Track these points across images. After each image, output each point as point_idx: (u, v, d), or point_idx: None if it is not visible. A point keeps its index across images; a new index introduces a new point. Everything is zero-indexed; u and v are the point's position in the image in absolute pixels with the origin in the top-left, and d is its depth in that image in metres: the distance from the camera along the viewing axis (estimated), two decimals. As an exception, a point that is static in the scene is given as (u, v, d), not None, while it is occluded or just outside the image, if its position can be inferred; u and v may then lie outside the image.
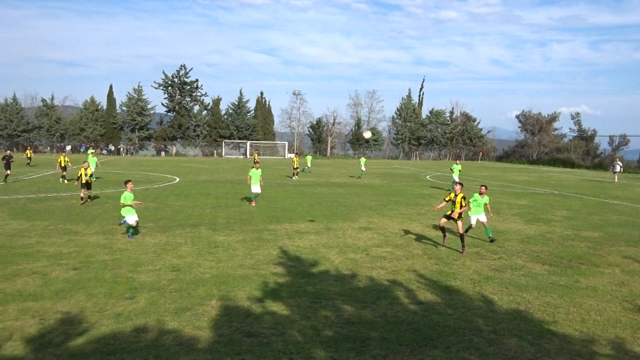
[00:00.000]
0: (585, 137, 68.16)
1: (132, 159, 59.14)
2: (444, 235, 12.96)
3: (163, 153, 70.45)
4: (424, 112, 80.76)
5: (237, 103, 74.60)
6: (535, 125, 73.67)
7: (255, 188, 19.95)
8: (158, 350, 6.40)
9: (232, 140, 72.44)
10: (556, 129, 75.07)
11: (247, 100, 75.41)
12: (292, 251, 11.87)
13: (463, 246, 12.20)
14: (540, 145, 71.74)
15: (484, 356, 6.41)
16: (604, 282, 9.80)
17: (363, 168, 36.70)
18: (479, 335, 7.07)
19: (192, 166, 45.39)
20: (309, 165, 40.93)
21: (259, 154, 47.33)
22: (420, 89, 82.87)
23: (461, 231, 12.16)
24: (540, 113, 75.27)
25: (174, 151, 71.48)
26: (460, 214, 12.16)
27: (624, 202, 23.55)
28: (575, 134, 70.19)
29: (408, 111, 78.34)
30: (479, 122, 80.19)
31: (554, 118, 74.28)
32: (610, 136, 64.40)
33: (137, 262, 10.57)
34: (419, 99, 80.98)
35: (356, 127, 79.79)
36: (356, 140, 78.50)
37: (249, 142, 71.62)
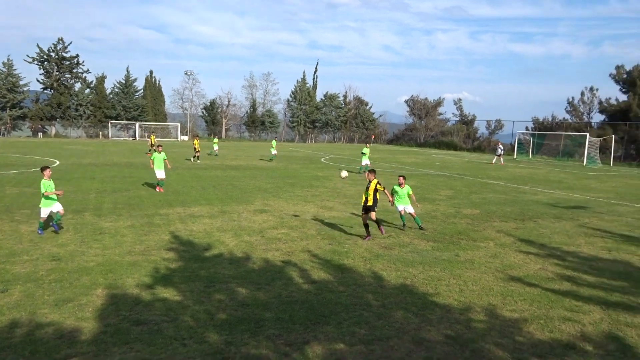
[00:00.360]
0: (466, 122, 73.10)
1: (3, 140, 53.74)
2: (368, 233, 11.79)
3: (40, 134, 64.79)
4: (319, 96, 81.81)
5: (124, 82, 70.40)
6: (422, 110, 77.70)
7: (160, 173, 18.97)
8: (35, 345, 5.95)
9: (119, 122, 68.43)
10: (441, 114, 79.66)
11: (135, 79, 71.48)
12: (185, 236, 11.56)
13: (368, 234, 11.63)
14: (427, 129, 75.91)
15: (373, 329, 6.73)
16: (480, 255, 10.69)
17: (274, 151, 36.17)
18: (369, 310, 7.40)
19: (74, 148, 42.28)
20: (216, 148, 40.16)
21: (155, 137, 44.90)
22: (315, 72, 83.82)
23: (374, 218, 11.56)
24: (426, 98, 79.41)
25: (53, 132, 66.04)
26: (374, 203, 11.57)
27: (499, 182, 25.72)
28: (457, 119, 74.99)
29: (303, 94, 78.92)
30: (371, 106, 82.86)
31: (439, 103, 78.81)
32: (487, 121, 69.68)
33: (11, 253, 9.70)
34: (314, 82, 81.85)
35: (251, 109, 78.97)
36: (252, 123, 77.77)
37: (138, 124, 68.11)
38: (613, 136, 46.09)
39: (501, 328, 6.89)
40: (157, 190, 18.47)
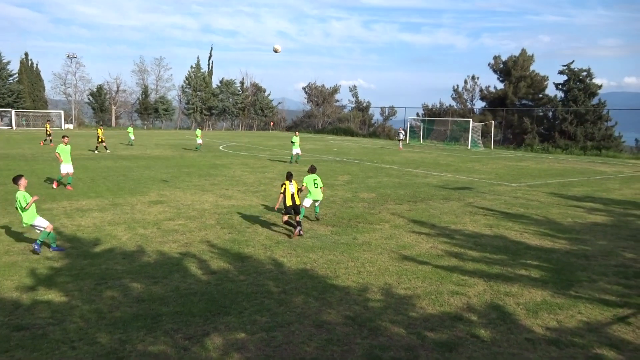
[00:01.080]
0: (361, 108, 75.29)
1: None
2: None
3: None
4: (215, 82, 79.97)
5: (-4, 65, 63.85)
6: (319, 96, 78.82)
7: (67, 167, 17.20)
8: None
9: (-8, 109, 62.06)
10: (337, 101, 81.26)
11: (9, 62, 65.18)
12: (72, 231, 10.80)
13: (301, 228, 11.01)
14: (324, 115, 77.22)
15: (274, 316, 6.75)
16: (376, 237, 11.11)
17: (200, 140, 34.92)
18: (270, 297, 7.41)
19: (-63, 139, 37.70)
20: (133, 137, 38.24)
21: (51, 125, 40.60)
22: (209, 58, 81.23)
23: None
24: (323, 85, 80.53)
25: None
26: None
27: (393, 166, 26.83)
28: (353, 105, 76.99)
29: (198, 80, 76.63)
30: (269, 94, 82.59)
31: (335, 90, 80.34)
32: (381, 107, 72.28)
33: None
34: (209, 68, 79.75)
35: (143, 96, 75.27)
36: (144, 110, 74.19)
37: (14, 111, 62.24)
38: (493, 121, 49.88)
39: (396, 306, 7.22)
40: (68, 188, 16.33)
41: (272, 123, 76.93)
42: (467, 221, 13.12)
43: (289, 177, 11.49)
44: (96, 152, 30.57)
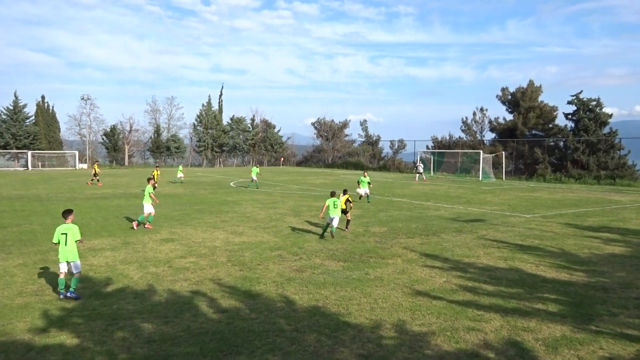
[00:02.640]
0: (371, 142, 75.70)
1: None
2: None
3: None
4: (225, 119, 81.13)
5: (12, 108, 65.49)
6: (329, 131, 79.46)
7: (148, 207, 17.11)
8: None
9: (8, 151, 63.31)
10: (347, 135, 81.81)
11: (25, 105, 66.79)
12: (84, 271, 10.81)
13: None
14: (334, 150, 77.65)
15: (286, 355, 6.64)
16: (388, 272, 10.99)
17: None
18: (282, 335, 7.31)
19: (-46, 182, 38.35)
20: (180, 175, 39.26)
21: (98, 164, 42.22)
22: (220, 96, 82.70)
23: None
24: (332, 120, 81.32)
25: None
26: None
27: (404, 199, 26.75)
28: (363, 139, 77.43)
29: (209, 118, 77.80)
30: (279, 129, 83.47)
31: (344, 125, 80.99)
32: (391, 141, 72.57)
33: None
34: (219, 106, 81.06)
35: (155, 135, 76.40)
36: (156, 148, 75.16)
37: (30, 152, 63.39)
38: (503, 152, 49.77)
39: (411, 343, 7.08)
40: (146, 226, 16.69)
41: (282, 158, 77.45)
42: (480, 254, 12.96)
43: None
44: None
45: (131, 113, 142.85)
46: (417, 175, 45.19)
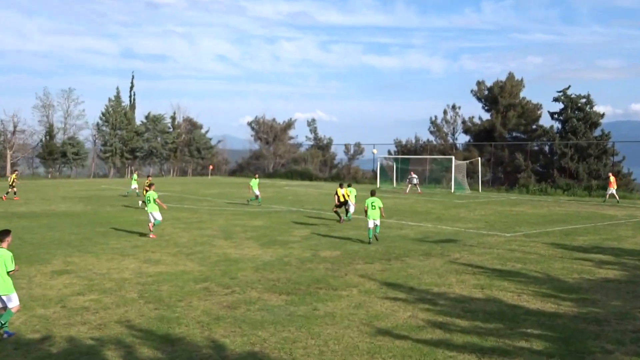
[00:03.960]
0: (322, 146, 76.27)
1: None
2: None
3: None
4: (139, 118, 79.73)
5: None
6: (269, 133, 79.51)
7: (157, 214, 20.59)
8: None
9: None
10: (292, 138, 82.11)
11: None
12: (-52, 315, 10.26)
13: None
14: (276, 155, 77.74)
15: (213, 415, 6.51)
16: (342, 306, 11.03)
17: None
18: (208, 390, 7.17)
19: None
20: (134, 186, 38.44)
21: (17, 174, 39.77)
22: (131, 88, 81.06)
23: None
24: (274, 119, 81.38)
25: None
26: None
27: (361, 216, 26.98)
28: (312, 143, 77.89)
29: (118, 116, 76.10)
30: (207, 131, 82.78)
31: (289, 125, 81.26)
32: (345, 145, 73.40)
33: None
34: (131, 101, 79.60)
35: (47, 137, 73.98)
36: (49, 154, 72.75)
37: None
38: (479, 159, 51.27)
39: (369, 394, 7.10)
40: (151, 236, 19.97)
41: (211, 167, 76.71)
42: (452, 282, 13.22)
43: (341, 185, 24.39)
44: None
45: (15, 109, 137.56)
46: (410, 186, 46.27)
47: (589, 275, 14.07)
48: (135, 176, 40.81)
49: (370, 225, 19.03)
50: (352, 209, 25.44)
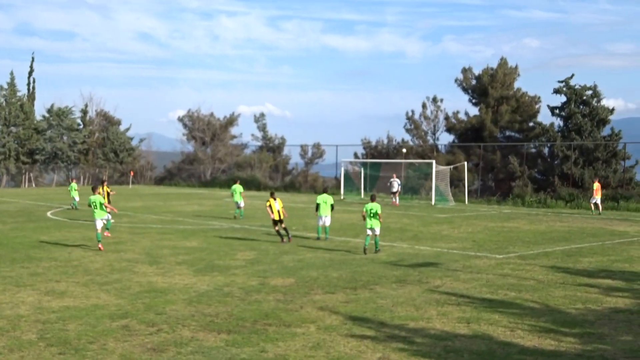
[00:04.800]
0: (272, 148, 76.16)
1: None
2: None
3: None
4: (39, 111, 78.39)
5: None
6: (206, 131, 79.00)
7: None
8: None
9: None
10: (235, 137, 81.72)
11: None
12: None
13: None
14: (215, 159, 77.26)
15: None
16: (296, 347, 11.03)
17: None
18: None
19: None
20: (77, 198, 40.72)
21: None
22: (30, 74, 79.65)
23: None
24: (212, 114, 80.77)
25: None
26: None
27: (312, 233, 27.07)
28: (260, 143, 77.64)
29: (12, 109, 74.63)
30: (128, 128, 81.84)
31: (231, 121, 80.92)
32: (301, 146, 73.30)
33: None
34: (30, 90, 78.22)
35: None
36: None
37: None
38: (465, 163, 51.90)
39: None
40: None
41: (132, 173, 75.83)
42: (433, 315, 13.36)
43: (272, 194, 24.57)
44: None
45: None
46: (391, 194, 47.00)
47: (595, 305, 14.39)
48: (74, 185, 41.58)
49: (369, 232, 21.73)
50: (328, 222, 25.63)
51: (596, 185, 40.55)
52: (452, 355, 10.67)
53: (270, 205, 24.44)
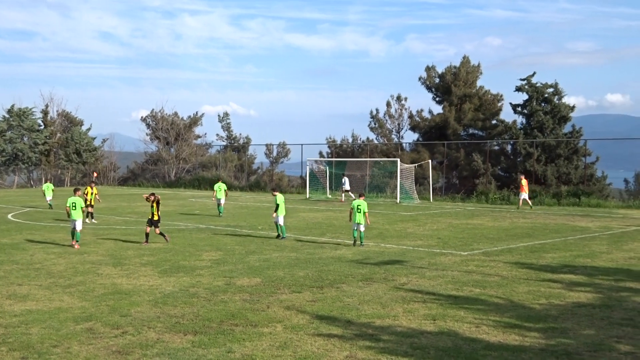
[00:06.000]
0: (237, 147, 76.03)
1: None
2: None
3: None
4: (-1, 112, 77.15)
5: None
6: (170, 130, 78.51)
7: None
8: None
9: None
10: (199, 136, 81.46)
11: None
12: None
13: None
14: (179, 159, 76.84)
15: None
16: (263, 347, 11.03)
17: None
18: None
19: None
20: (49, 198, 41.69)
21: None
22: (-8, 74, 78.65)
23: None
24: (176, 114, 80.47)
25: None
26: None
27: (287, 234, 27.06)
28: (224, 143, 77.48)
29: (-28, 109, 73.49)
30: (89, 128, 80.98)
31: (195, 121, 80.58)
32: (267, 145, 73.40)
33: None
34: (-9, 90, 77.00)
35: None
36: None
37: None
38: (430, 161, 52.37)
39: None
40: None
41: (94, 174, 75.01)
42: (399, 312, 13.45)
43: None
44: None
45: None
46: (343, 193, 47.61)
47: (558, 300, 14.62)
48: (50, 185, 42.79)
49: (354, 227, 23.15)
50: (281, 220, 25.71)
51: (524, 182, 41.95)
52: (419, 352, 10.74)
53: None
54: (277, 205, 25.50)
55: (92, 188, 33.46)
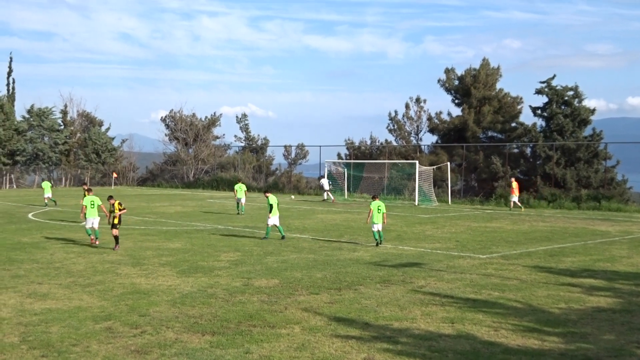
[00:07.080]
0: (255, 148, 76.06)
1: None
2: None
3: None
4: (20, 111, 77.76)
5: None
6: (188, 131, 78.70)
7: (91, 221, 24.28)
8: None
9: None
10: (218, 137, 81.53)
11: None
12: None
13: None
14: (198, 160, 77.02)
15: None
16: (281, 348, 11.04)
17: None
18: None
19: None
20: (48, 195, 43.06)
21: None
22: (9, 74, 79.18)
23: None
24: (194, 115, 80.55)
25: None
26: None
27: (304, 235, 27.09)
28: (242, 144, 77.54)
29: (-6, 109, 74.14)
30: (108, 128, 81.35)
31: (213, 122, 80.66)
32: (285, 146, 73.20)
33: None
34: (10, 91, 77.68)
35: None
36: None
37: None
38: (449, 164, 52.16)
39: None
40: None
41: (114, 174, 75.46)
42: (417, 315, 13.42)
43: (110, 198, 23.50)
44: None
45: None
46: (325, 193, 46.80)
47: (578, 305, 14.52)
48: (48, 183, 43.90)
49: (374, 228, 23.72)
50: (276, 221, 25.90)
51: (514, 184, 42.44)
52: (437, 355, 10.72)
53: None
54: (271, 207, 25.68)
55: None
